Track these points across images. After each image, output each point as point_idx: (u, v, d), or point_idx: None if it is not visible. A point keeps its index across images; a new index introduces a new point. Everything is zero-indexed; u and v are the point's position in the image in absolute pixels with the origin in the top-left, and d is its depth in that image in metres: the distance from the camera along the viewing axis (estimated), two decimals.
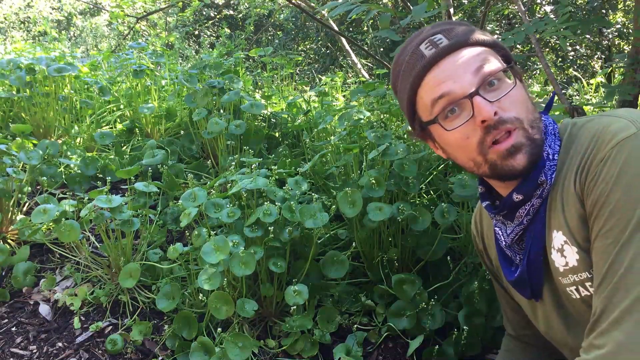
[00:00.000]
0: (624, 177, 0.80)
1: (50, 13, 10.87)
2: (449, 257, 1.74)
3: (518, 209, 0.99)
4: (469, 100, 0.91)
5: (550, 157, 0.94)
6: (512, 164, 0.92)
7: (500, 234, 1.06)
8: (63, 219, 1.73)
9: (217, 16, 8.88)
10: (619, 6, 5.56)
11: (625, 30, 5.40)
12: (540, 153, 0.94)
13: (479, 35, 0.97)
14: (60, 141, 2.64)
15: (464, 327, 1.58)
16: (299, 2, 4.34)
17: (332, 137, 2.15)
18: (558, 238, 0.93)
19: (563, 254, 0.92)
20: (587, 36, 5.57)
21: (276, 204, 1.69)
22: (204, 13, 8.90)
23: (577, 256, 0.90)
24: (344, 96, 3.50)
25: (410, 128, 1.07)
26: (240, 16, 9.00)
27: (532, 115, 0.94)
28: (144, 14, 5.77)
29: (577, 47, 6.04)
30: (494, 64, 0.94)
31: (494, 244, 1.13)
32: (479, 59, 0.93)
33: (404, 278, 1.69)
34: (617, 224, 0.80)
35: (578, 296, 0.93)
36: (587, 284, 0.90)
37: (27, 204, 2.24)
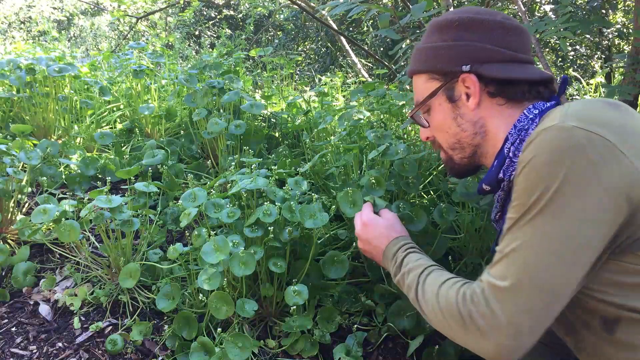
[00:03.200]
0: (528, 166, 0.87)
1: (52, 13, 10.87)
2: (449, 257, 1.74)
3: (494, 194, 1.11)
4: None
5: (512, 155, 1.01)
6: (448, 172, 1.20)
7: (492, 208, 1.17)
8: (63, 219, 1.73)
9: (218, 17, 8.88)
10: (619, 6, 5.56)
11: (625, 30, 5.39)
12: (462, 170, 1.15)
13: (415, 65, 1.13)
14: (60, 141, 2.64)
15: None
16: (300, 2, 4.35)
17: (332, 137, 2.15)
18: None
19: None
20: (587, 36, 5.57)
21: (276, 204, 1.69)
22: (205, 13, 8.90)
23: None
24: (343, 96, 3.50)
25: None
26: (241, 16, 9.00)
27: (452, 139, 1.11)
28: (144, 14, 5.77)
29: (577, 47, 6.03)
30: (418, 99, 1.14)
31: None
32: (415, 93, 1.16)
33: None
34: (516, 206, 0.89)
35: None
36: None
37: (27, 204, 2.24)
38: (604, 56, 6.13)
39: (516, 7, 2.14)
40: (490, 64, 1.03)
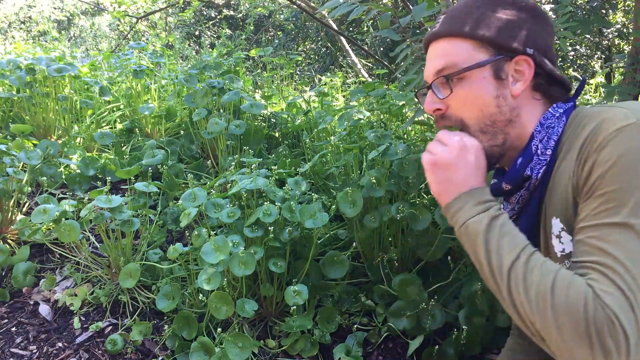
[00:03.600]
0: (618, 165, 0.82)
1: (52, 13, 10.87)
2: (449, 257, 1.74)
3: (511, 195, 1.04)
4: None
5: (540, 152, 0.97)
6: None
7: None
8: (63, 219, 1.73)
9: (218, 17, 8.88)
10: (619, 6, 5.56)
11: (625, 30, 5.39)
12: (491, 161, 1.01)
13: (465, 27, 1.00)
14: (60, 141, 2.64)
15: (464, 327, 1.58)
16: (300, 2, 4.34)
17: (332, 137, 2.15)
18: (556, 225, 0.95)
19: (561, 240, 0.95)
20: (587, 36, 5.57)
21: (276, 204, 1.69)
22: (205, 13, 8.90)
23: (573, 243, 0.92)
24: (343, 96, 3.50)
25: None
26: (241, 16, 9.00)
27: (486, 119, 0.99)
28: (144, 14, 5.78)
29: (577, 47, 6.03)
30: (456, 64, 1.00)
31: None
32: (445, 56, 1.01)
33: (407, 279, 1.69)
34: (612, 208, 0.82)
35: None
36: None
37: (27, 204, 2.24)
38: (604, 56, 6.12)
39: None
40: (545, 57, 1.02)
